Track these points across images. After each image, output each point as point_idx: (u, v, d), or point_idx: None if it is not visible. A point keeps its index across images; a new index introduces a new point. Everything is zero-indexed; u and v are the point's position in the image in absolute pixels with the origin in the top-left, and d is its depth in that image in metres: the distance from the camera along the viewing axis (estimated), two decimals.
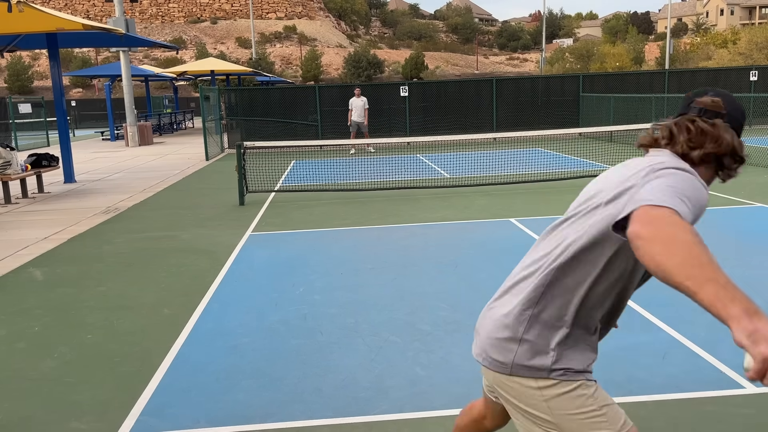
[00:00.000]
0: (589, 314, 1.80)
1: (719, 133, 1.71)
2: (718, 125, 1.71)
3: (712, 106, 1.72)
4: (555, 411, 1.74)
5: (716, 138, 1.70)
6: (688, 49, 59.11)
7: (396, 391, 3.40)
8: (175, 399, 3.43)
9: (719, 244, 6.34)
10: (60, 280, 5.92)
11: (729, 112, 1.74)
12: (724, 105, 1.73)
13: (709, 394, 3.25)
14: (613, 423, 1.74)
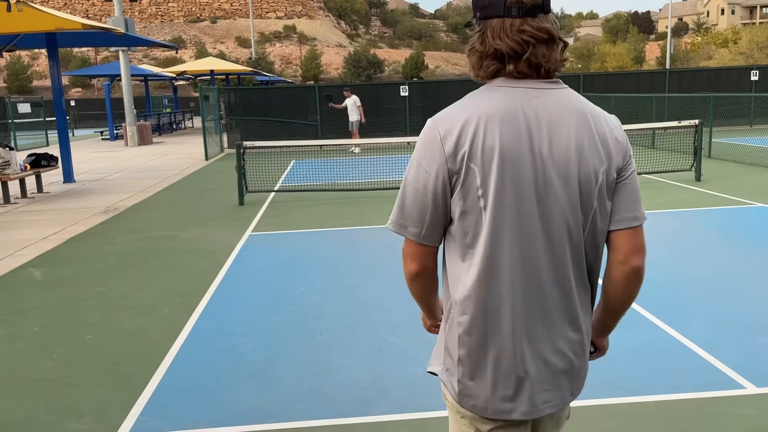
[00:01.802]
0: None
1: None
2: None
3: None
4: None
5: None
6: (689, 48, 59.13)
7: (396, 391, 3.39)
8: (174, 399, 3.43)
9: (719, 244, 6.33)
10: (59, 280, 5.92)
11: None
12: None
13: (709, 394, 3.25)
14: None
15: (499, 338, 1.49)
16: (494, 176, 1.43)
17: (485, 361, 1.50)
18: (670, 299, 4.70)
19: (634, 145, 16.47)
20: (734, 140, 16.69)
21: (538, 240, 1.47)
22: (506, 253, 1.46)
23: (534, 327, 1.50)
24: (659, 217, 7.72)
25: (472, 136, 1.43)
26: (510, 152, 1.43)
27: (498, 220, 1.45)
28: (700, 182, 10.22)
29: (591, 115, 1.49)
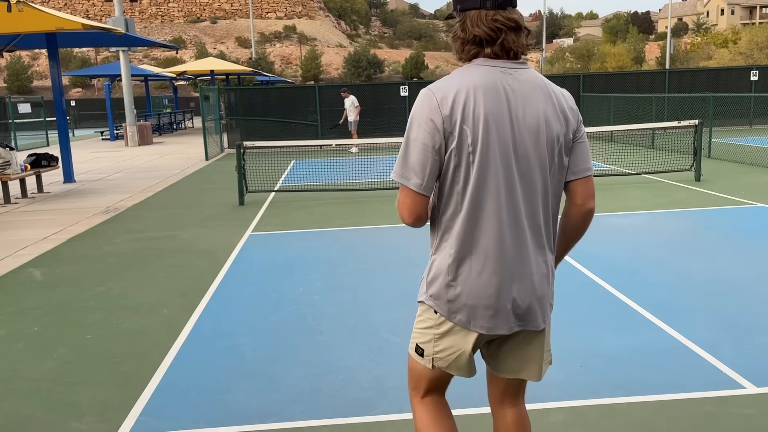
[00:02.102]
0: None
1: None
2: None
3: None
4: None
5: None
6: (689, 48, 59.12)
7: (396, 391, 3.39)
8: (174, 399, 3.43)
9: (719, 244, 6.34)
10: (59, 280, 5.92)
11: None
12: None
13: (709, 394, 3.25)
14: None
15: (482, 267, 1.83)
16: (481, 136, 1.77)
17: (472, 284, 1.85)
18: (670, 299, 4.71)
19: (634, 145, 16.47)
20: (734, 140, 16.69)
21: (516, 188, 1.81)
22: (490, 199, 1.80)
23: (513, 260, 1.84)
24: (659, 217, 7.72)
25: (464, 103, 1.76)
26: (494, 117, 1.77)
27: (484, 172, 1.79)
28: (700, 182, 10.22)
29: (551, 90, 1.86)
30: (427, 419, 2.08)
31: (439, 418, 2.09)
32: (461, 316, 1.88)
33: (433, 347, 1.98)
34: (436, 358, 1.98)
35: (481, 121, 1.76)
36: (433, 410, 2.10)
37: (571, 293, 4.93)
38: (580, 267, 5.63)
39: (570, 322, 4.32)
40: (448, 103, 1.77)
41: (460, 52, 1.87)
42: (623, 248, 6.27)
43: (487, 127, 1.76)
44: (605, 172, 11.82)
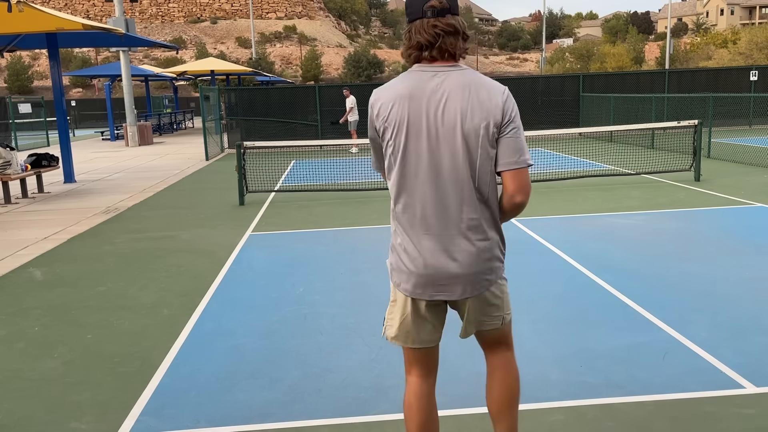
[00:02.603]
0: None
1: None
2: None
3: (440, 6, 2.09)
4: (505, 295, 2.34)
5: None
6: (688, 48, 59.09)
7: (396, 391, 3.40)
8: (175, 399, 3.43)
9: (718, 243, 6.34)
10: (60, 280, 5.92)
11: (452, 7, 2.11)
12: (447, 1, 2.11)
13: (709, 394, 3.25)
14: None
15: (412, 243, 2.18)
16: (403, 134, 2.11)
17: (405, 258, 2.21)
18: (670, 299, 4.71)
19: (634, 145, 16.47)
20: (733, 140, 16.69)
21: (433, 176, 2.10)
22: (417, 186, 2.13)
23: (436, 238, 2.14)
24: (659, 216, 7.73)
25: (389, 109, 2.13)
26: (412, 118, 2.10)
27: (404, 163, 2.13)
28: (700, 182, 10.22)
29: (477, 86, 2.09)
30: (406, 395, 2.38)
31: (415, 399, 2.35)
32: (405, 285, 2.24)
33: (387, 313, 2.40)
34: (387, 326, 2.38)
35: (403, 122, 2.11)
36: (411, 390, 2.36)
37: (571, 293, 4.93)
38: (580, 267, 5.63)
39: (570, 322, 4.32)
40: (377, 107, 2.16)
41: (406, 58, 2.19)
42: (623, 248, 6.27)
43: (406, 126, 2.11)
44: (605, 172, 11.82)
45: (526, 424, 3.00)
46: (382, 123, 2.14)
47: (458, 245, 2.14)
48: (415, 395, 2.34)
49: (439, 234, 2.14)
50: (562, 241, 6.62)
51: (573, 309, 4.57)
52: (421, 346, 2.31)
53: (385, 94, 2.16)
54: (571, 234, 6.97)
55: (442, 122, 2.08)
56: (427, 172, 2.11)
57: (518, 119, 2.14)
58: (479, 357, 3.86)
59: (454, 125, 2.08)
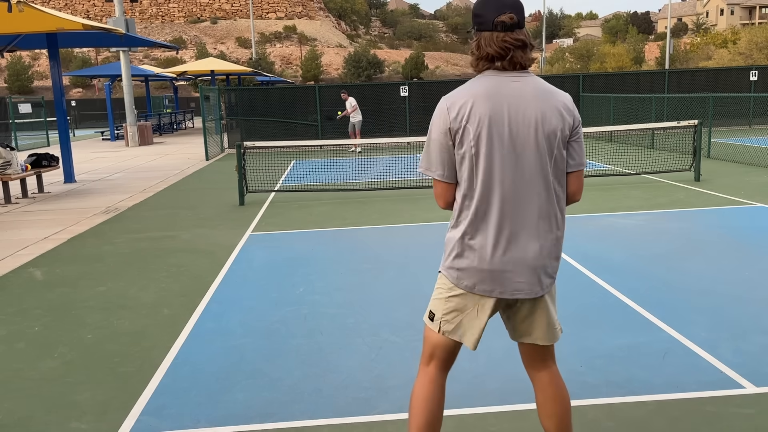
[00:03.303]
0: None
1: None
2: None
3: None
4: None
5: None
6: (688, 49, 59.09)
7: (396, 391, 3.40)
8: (175, 399, 3.43)
9: (719, 244, 6.34)
10: (60, 280, 5.92)
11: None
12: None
13: (709, 394, 3.25)
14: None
15: (486, 240, 2.20)
16: (483, 132, 2.15)
17: (477, 255, 2.22)
18: (670, 299, 4.71)
19: (634, 145, 16.47)
20: (733, 140, 16.69)
21: (517, 173, 2.17)
22: (495, 183, 2.17)
23: (513, 234, 2.19)
24: (659, 216, 7.73)
25: (469, 107, 2.17)
26: (493, 116, 2.15)
27: (488, 161, 2.16)
28: (699, 182, 10.22)
29: (550, 93, 2.21)
30: (419, 386, 2.38)
31: (430, 390, 2.37)
32: (467, 282, 2.24)
33: (442, 310, 2.32)
34: (443, 320, 2.32)
35: (484, 120, 2.15)
36: (428, 381, 2.38)
37: (571, 293, 4.93)
38: (580, 267, 5.63)
39: (570, 321, 4.32)
40: (455, 108, 2.18)
41: (475, 66, 2.25)
42: (623, 248, 6.27)
43: (488, 124, 2.14)
44: (605, 172, 11.82)
45: (526, 424, 3.00)
46: (461, 122, 2.15)
47: (536, 243, 2.21)
48: (431, 384, 2.36)
49: (518, 231, 2.19)
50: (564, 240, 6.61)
51: (573, 309, 4.57)
52: (460, 340, 2.34)
53: (461, 94, 2.19)
54: (571, 234, 6.97)
55: (523, 122, 2.15)
56: (509, 170, 2.16)
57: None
58: (479, 357, 3.87)
59: (535, 126, 2.16)
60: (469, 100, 2.16)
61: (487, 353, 3.82)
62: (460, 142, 2.18)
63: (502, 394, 3.32)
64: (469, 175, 2.19)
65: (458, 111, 2.17)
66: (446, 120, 2.18)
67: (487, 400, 3.27)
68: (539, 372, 2.41)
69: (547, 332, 2.33)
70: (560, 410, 2.40)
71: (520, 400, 3.22)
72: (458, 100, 2.18)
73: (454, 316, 2.30)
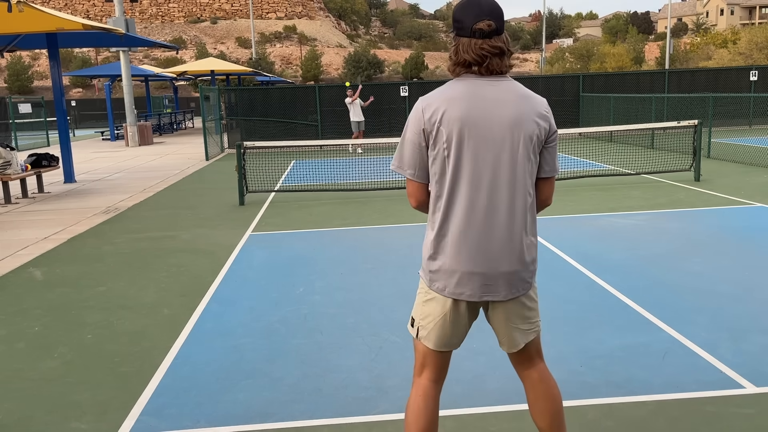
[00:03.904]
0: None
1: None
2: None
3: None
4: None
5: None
6: (688, 49, 59.08)
7: (396, 391, 3.40)
8: (175, 399, 3.43)
9: (719, 244, 6.34)
10: (60, 280, 5.92)
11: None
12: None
13: (709, 394, 3.25)
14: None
15: (455, 241, 2.18)
16: (455, 134, 2.15)
17: (447, 256, 2.21)
18: (670, 299, 4.71)
19: (634, 145, 16.47)
20: (733, 140, 16.69)
21: (489, 176, 2.16)
22: (464, 185, 2.16)
23: (482, 236, 2.17)
24: (658, 216, 7.73)
25: (444, 110, 2.16)
26: (468, 119, 2.15)
27: (458, 162, 2.16)
28: (699, 182, 10.22)
29: (527, 98, 2.21)
30: (411, 400, 2.34)
31: (422, 404, 2.32)
32: (439, 284, 2.23)
33: (419, 315, 2.31)
34: (420, 326, 2.30)
35: (456, 122, 2.14)
36: (420, 394, 2.33)
37: (571, 293, 4.93)
38: (580, 267, 5.63)
39: (570, 321, 4.32)
40: (430, 110, 2.18)
41: (452, 71, 2.25)
42: (623, 248, 6.27)
43: (461, 126, 2.14)
44: (605, 172, 11.82)
45: (526, 424, 3.00)
46: (435, 124, 2.16)
47: (507, 246, 2.19)
48: (424, 398, 2.32)
49: (489, 233, 2.17)
50: (562, 241, 6.62)
51: (573, 309, 4.57)
52: (446, 349, 2.31)
53: (437, 96, 2.20)
54: (571, 234, 6.97)
55: (499, 126, 2.15)
56: (482, 174, 2.15)
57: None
58: (479, 357, 3.87)
59: (510, 130, 2.16)
60: (444, 103, 2.16)
61: (487, 353, 3.82)
62: (433, 143, 2.18)
63: (502, 394, 3.32)
64: (441, 177, 2.19)
65: (432, 112, 2.16)
66: (421, 121, 2.18)
67: (487, 400, 3.27)
68: (527, 370, 2.40)
69: (525, 327, 2.31)
70: (552, 407, 2.38)
71: (520, 400, 3.22)
72: (434, 102, 2.18)
73: (430, 320, 2.27)
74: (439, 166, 2.18)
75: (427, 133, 2.18)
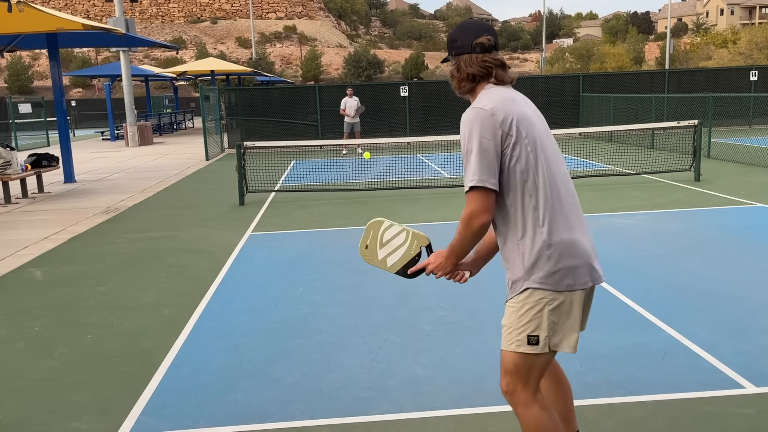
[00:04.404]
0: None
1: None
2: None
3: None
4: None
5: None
6: (688, 49, 59.08)
7: (396, 391, 3.40)
8: (175, 399, 3.43)
9: (719, 244, 6.34)
10: (60, 280, 5.92)
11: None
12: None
13: (709, 394, 3.25)
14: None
15: (570, 234, 2.19)
16: (530, 131, 2.18)
17: (568, 251, 2.21)
18: (670, 299, 4.71)
19: (634, 145, 16.47)
20: (733, 140, 16.69)
21: (563, 168, 2.25)
22: (558, 179, 2.20)
23: (582, 223, 2.25)
24: (658, 216, 7.73)
25: (507, 110, 2.15)
26: (529, 117, 2.21)
27: (547, 157, 2.19)
28: (699, 182, 10.22)
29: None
30: (549, 421, 2.25)
31: (554, 415, 2.29)
32: (568, 280, 2.19)
33: (546, 329, 2.19)
34: (551, 337, 2.20)
35: (524, 119, 2.18)
36: (549, 410, 2.27)
37: None
38: None
39: None
40: (501, 113, 2.14)
41: (458, 88, 2.32)
42: (623, 248, 6.27)
43: (528, 124, 2.18)
44: (605, 172, 11.82)
45: None
46: (511, 125, 2.13)
47: (587, 229, 2.29)
48: (550, 410, 2.30)
49: (581, 221, 2.26)
50: None
51: None
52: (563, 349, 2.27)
53: (491, 99, 2.19)
54: None
55: (541, 123, 2.27)
56: (560, 165, 2.24)
57: None
58: (479, 357, 3.87)
59: (546, 127, 2.31)
60: (502, 103, 2.16)
61: (487, 353, 3.82)
62: (513, 145, 2.13)
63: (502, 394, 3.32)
64: (531, 175, 2.15)
65: (504, 115, 2.14)
66: (495, 125, 2.12)
67: (487, 400, 3.27)
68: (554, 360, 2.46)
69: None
70: (570, 393, 2.51)
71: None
72: (495, 104, 2.15)
73: (565, 324, 2.23)
74: (525, 164, 2.14)
75: (505, 136, 2.13)
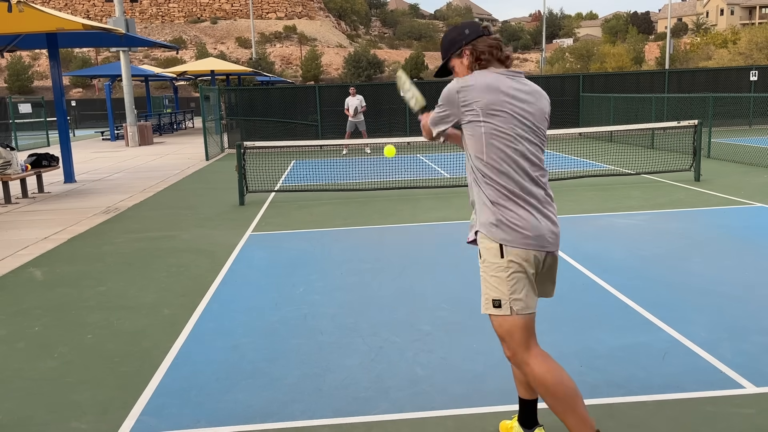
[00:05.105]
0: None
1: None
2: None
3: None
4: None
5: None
6: (688, 49, 59.08)
7: (396, 391, 3.40)
8: (175, 399, 3.43)
9: (719, 244, 6.34)
10: (60, 280, 5.92)
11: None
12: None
13: (709, 394, 3.25)
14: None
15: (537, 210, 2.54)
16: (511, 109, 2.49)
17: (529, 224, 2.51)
18: (670, 299, 4.71)
19: (634, 145, 16.47)
20: (733, 140, 16.69)
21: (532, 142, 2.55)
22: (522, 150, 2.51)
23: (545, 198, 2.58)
24: (658, 216, 7.73)
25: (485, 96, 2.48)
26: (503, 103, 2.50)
27: (508, 131, 2.48)
28: (699, 182, 10.22)
29: (544, 93, 2.65)
30: (550, 368, 2.47)
31: (558, 367, 2.50)
32: (528, 243, 2.45)
33: (506, 291, 2.46)
34: (512, 301, 2.46)
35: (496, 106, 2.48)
36: (551, 361, 2.49)
37: (570, 293, 4.93)
38: (580, 267, 5.63)
39: (570, 321, 4.32)
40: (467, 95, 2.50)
41: (472, 68, 2.59)
42: (623, 248, 6.27)
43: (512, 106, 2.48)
44: (605, 172, 11.82)
45: None
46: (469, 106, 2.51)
47: (550, 204, 2.58)
48: (555, 362, 2.51)
49: (544, 195, 2.56)
50: (562, 241, 6.60)
51: (573, 309, 4.57)
52: (535, 308, 2.52)
53: (471, 80, 2.52)
54: (571, 234, 6.97)
55: (532, 113, 2.55)
56: (525, 138, 2.53)
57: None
58: (479, 357, 3.87)
59: (542, 117, 2.58)
60: (481, 86, 2.52)
61: (487, 353, 3.82)
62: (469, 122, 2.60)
63: (502, 394, 3.32)
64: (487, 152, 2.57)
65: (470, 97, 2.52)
66: (464, 100, 2.54)
67: (487, 400, 3.27)
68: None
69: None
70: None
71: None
72: (471, 82, 2.53)
73: (523, 287, 2.49)
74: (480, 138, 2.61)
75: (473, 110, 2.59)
